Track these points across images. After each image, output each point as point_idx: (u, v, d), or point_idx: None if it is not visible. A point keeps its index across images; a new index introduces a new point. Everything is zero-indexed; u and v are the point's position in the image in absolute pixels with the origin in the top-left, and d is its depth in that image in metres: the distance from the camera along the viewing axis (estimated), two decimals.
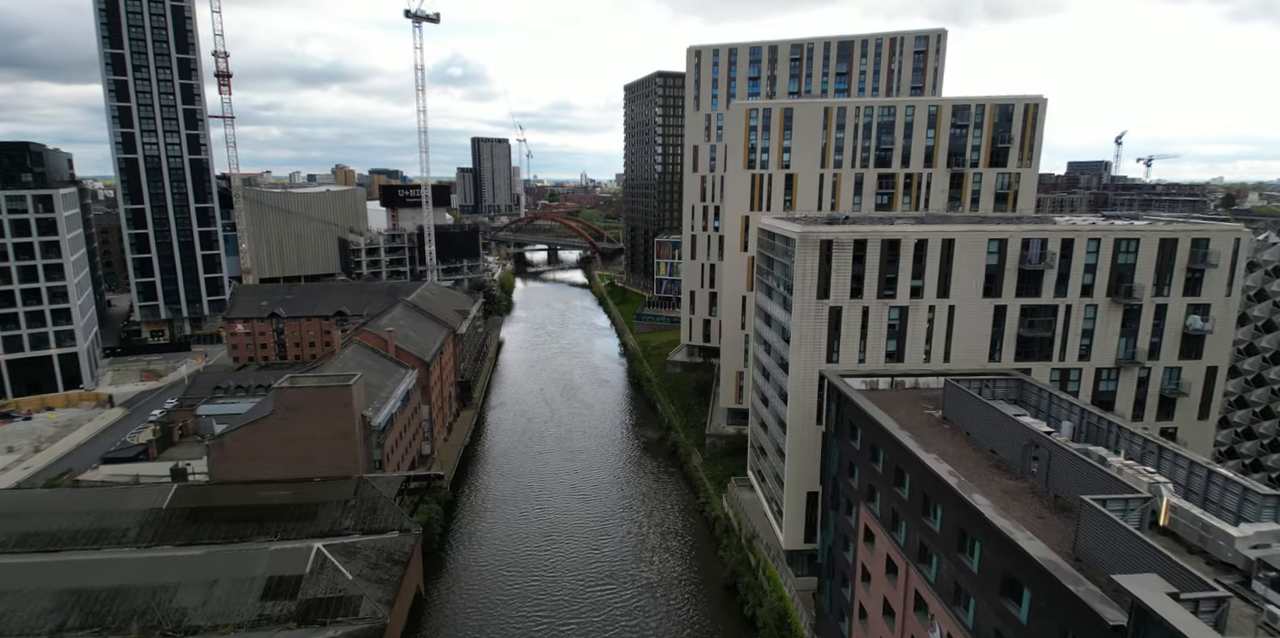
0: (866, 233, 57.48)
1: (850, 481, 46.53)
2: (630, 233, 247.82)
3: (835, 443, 49.73)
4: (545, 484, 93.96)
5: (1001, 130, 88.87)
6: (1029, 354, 60.64)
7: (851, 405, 46.09)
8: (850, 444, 46.35)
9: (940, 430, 42.39)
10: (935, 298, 58.92)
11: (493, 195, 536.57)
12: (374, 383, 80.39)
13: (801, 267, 57.59)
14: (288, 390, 67.00)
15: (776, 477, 66.93)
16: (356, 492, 60.56)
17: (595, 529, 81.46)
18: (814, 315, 58.29)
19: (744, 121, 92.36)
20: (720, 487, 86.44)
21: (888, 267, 58.01)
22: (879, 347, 59.19)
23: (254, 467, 66.93)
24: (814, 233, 57.28)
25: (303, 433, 67.27)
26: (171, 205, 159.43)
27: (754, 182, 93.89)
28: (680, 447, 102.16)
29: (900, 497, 39.10)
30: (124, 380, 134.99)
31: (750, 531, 71.75)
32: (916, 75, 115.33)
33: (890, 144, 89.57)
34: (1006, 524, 29.22)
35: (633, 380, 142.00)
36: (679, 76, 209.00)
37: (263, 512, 59.16)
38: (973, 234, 57.94)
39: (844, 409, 47.81)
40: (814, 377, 59.32)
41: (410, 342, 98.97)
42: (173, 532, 58.48)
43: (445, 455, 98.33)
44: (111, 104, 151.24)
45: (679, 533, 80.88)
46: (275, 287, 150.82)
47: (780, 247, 64.93)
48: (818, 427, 60.35)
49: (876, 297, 58.34)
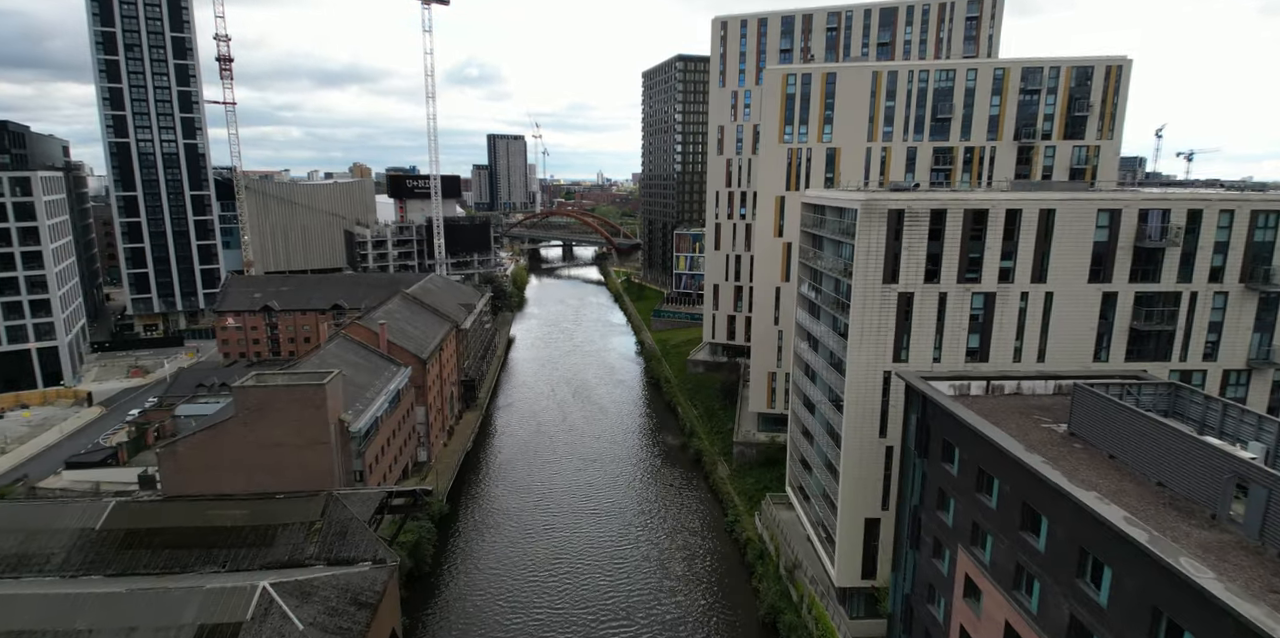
0: (946, 201, 46.66)
1: (941, 515, 35.83)
2: (647, 227, 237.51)
3: (918, 465, 39.05)
4: (554, 497, 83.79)
5: (1079, 97, 77.46)
6: (1142, 353, 49.50)
7: (946, 418, 35.42)
8: (943, 469, 35.67)
9: (1071, 452, 31.58)
10: (1029, 283, 47.97)
11: (508, 193, 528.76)
12: (359, 382, 70.62)
13: (864, 244, 46.88)
14: (250, 390, 57.23)
15: (826, 497, 56.20)
16: (324, 512, 50.68)
17: (609, 552, 71.13)
18: (879, 304, 47.56)
19: (780, 89, 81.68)
20: (752, 503, 75.81)
21: (971, 244, 47.15)
22: (958, 342, 48.33)
23: (212, 479, 57.25)
24: (880, 202, 46.55)
25: (268, 440, 57.50)
26: (165, 193, 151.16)
27: (790, 158, 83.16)
28: (704, 455, 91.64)
29: (1030, 546, 28.41)
30: (109, 377, 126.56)
31: (791, 559, 61.05)
32: (968, 45, 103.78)
33: (948, 113, 78.42)
34: (1262, 616, 18.46)
35: (650, 381, 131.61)
36: (700, 60, 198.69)
37: (211, 536, 49.39)
38: (1079, 203, 46.91)
39: (934, 422, 37.14)
40: (877, 378, 48.60)
41: (406, 337, 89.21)
42: (103, 559, 48.81)
43: (444, 463, 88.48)
44: (102, 85, 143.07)
45: (705, 558, 70.33)
46: (269, 278, 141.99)
47: (832, 223, 54.20)
48: (880, 440, 49.62)
49: (957, 281, 47.49)
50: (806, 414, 61.55)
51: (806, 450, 61.48)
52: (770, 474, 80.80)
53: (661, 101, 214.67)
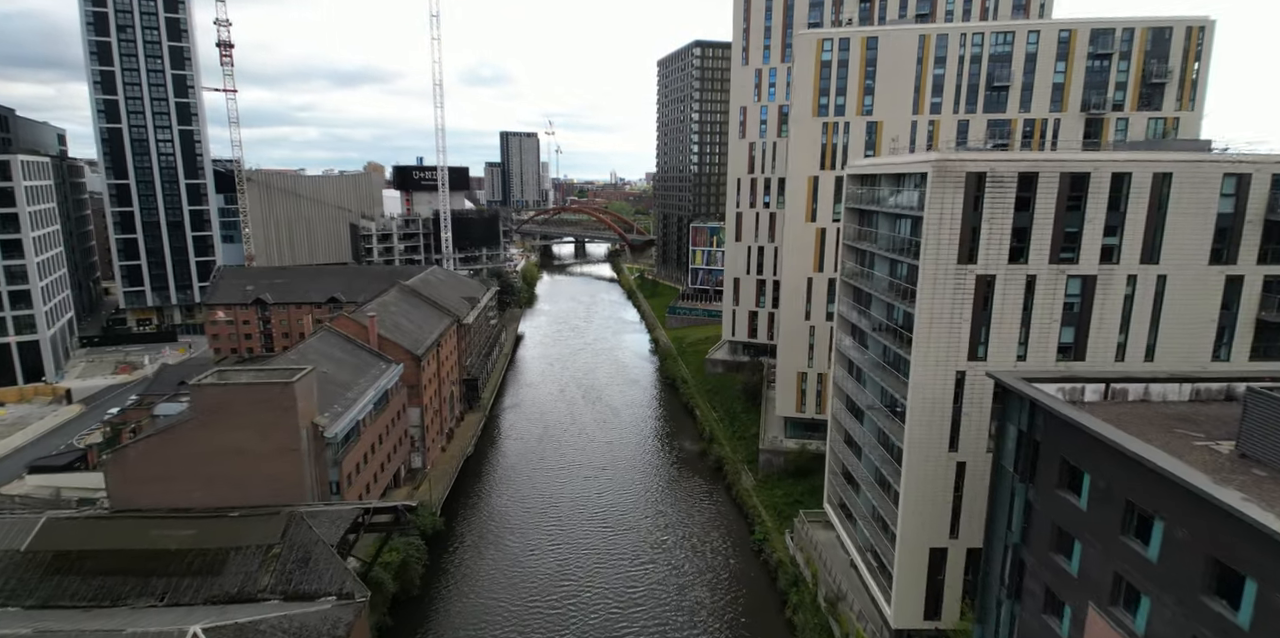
0: (1038, 162, 38.08)
1: (1060, 560, 27.38)
2: (662, 221, 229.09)
3: (1019, 491, 30.54)
4: (561, 509, 75.76)
5: (1155, 62, 68.43)
6: (1270, 350, 40.72)
7: (1068, 433, 27.01)
8: (1063, 500, 27.24)
9: (1255, 482, 23.04)
10: (1138, 264, 39.34)
11: (521, 191, 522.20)
12: (341, 380, 62.90)
13: (936, 216, 38.42)
14: (207, 389, 49.61)
15: (878, 519, 47.74)
16: (285, 533, 42.98)
17: (622, 573, 63.01)
18: (952, 289, 39.10)
19: (814, 56, 73.20)
20: (782, 519, 67.43)
21: (1068, 216, 38.57)
22: (1048, 336, 39.77)
23: (166, 491, 49.61)
24: (956, 163, 38.06)
25: (229, 446, 49.82)
26: (159, 181, 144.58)
27: (826, 133, 74.68)
28: (726, 463, 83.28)
29: (1221, 620, 19.96)
30: (95, 373, 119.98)
31: (833, 589, 52.59)
32: (1017, 14, 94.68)
33: (1006, 81, 69.62)
34: None
35: (665, 381, 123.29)
36: (718, 46, 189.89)
37: (151, 561, 41.82)
38: (1201, 167, 38.18)
39: (1047, 438, 28.66)
40: (948, 379, 40.14)
41: (400, 331, 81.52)
42: (25, 587, 41.40)
43: (441, 470, 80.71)
44: (94, 68, 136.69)
45: (730, 583, 61.95)
46: (262, 270, 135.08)
47: (888, 195, 45.77)
48: (951, 455, 41.12)
49: (1049, 261, 38.94)
50: (851, 421, 53.09)
51: (851, 463, 53.01)
52: (801, 487, 72.38)
53: (678, 90, 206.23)
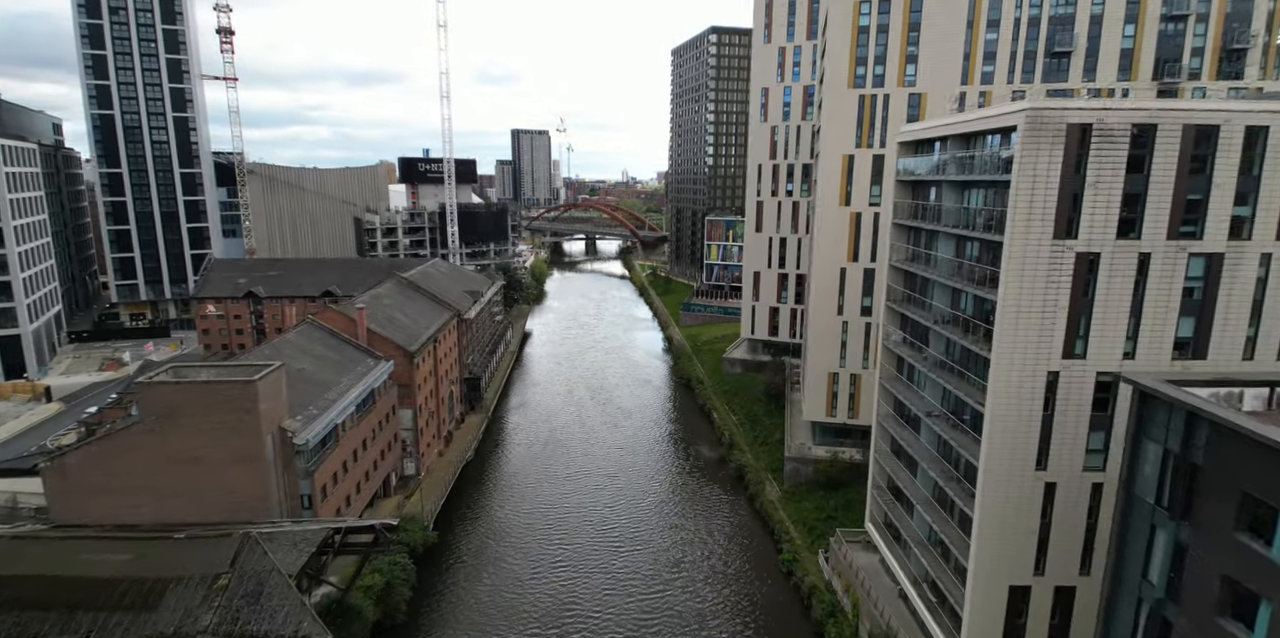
0: (1156, 112, 30.69)
1: (1240, 630, 20.06)
2: (675, 216, 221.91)
3: (1170, 530, 23.24)
4: (568, 522, 68.83)
5: (1237, 25, 60.69)
6: None
7: (1250, 454, 19.73)
8: (1242, 546, 20.04)
9: None
10: (1273, 239, 31.90)
11: (532, 189, 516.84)
12: (320, 379, 56.18)
13: (1029, 179, 31.11)
14: (157, 389, 42.99)
15: (938, 545, 40.43)
16: (235, 559, 36.34)
17: (636, 599, 55.95)
18: (1045, 270, 31.77)
19: (850, 20, 65.89)
20: (814, 537, 60.18)
21: (1191, 180, 31.18)
22: (1164, 329, 32.35)
23: (113, 505, 43.15)
24: (1055, 113, 30.72)
25: (182, 454, 43.23)
26: (153, 169, 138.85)
27: (862, 106, 67.37)
28: (748, 472, 76.07)
29: None
30: (80, 369, 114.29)
31: (879, 624, 45.27)
32: None
33: (1068, 46, 62.03)
34: None
35: (680, 381, 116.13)
36: (735, 32, 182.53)
37: (78, 591, 35.27)
38: None
39: (1220, 461, 21.37)
40: (1038, 381, 32.81)
41: (393, 326, 74.88)
42: None
43: (437, 477, 73.99)
44: (84, 52, 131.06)
45: (756, 612, 54.69)
46: (255, 262, 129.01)
47: (955, 161, 38.45)
48: (1038, 474, 33.74)
49: (1167, 236, 31.54)
50: (902, 429, 45.76)
51: (902, 478, 45.68)
52: (834, 500, 65.11)
53: (693, 79, 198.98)
